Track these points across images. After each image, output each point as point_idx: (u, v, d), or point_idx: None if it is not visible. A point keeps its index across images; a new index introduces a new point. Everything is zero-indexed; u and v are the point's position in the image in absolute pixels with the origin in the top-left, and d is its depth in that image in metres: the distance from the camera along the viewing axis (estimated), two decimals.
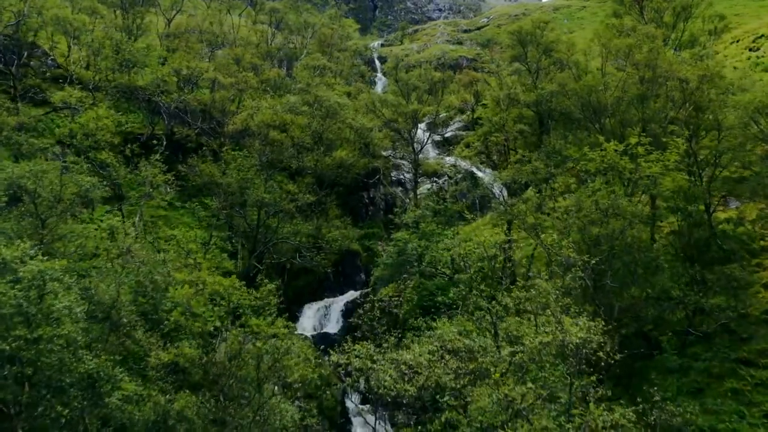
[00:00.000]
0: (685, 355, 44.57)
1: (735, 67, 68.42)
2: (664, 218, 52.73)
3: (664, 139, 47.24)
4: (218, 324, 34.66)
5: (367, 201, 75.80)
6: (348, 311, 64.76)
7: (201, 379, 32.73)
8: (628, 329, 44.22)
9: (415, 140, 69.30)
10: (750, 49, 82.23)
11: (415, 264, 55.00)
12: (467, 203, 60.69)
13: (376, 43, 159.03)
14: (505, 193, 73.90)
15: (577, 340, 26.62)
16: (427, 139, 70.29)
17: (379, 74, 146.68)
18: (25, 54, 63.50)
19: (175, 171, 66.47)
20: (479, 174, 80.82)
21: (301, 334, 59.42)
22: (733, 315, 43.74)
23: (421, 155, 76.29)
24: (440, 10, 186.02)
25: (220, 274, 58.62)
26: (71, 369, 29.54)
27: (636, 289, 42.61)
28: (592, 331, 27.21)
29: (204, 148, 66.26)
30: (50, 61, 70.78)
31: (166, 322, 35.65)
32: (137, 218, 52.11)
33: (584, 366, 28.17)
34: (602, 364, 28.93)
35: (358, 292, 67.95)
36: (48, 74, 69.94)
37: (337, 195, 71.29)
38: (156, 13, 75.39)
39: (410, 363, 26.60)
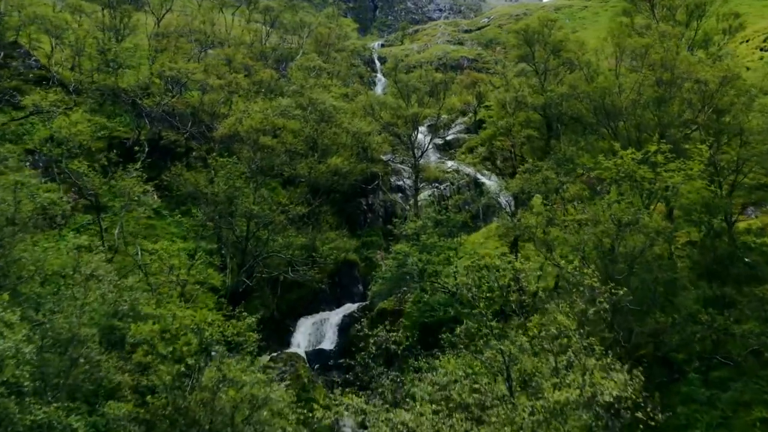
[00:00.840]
0: (711, 384, 39.67)
1: (747, 68, 63.76)
2: (679, 228, 47.90)
3: (686, 146, 42.40)
4: (191, 362, 29.71)
5: (365, 208, 70.92)
6: (345, 326, 60.01)
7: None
8: (647, 353, 39.49)
9: (416, 145, 64.36)
10: (762, 49, 77.59)
11: (416, 279, 50.23)
12: (471, 212, 55.78)
13: (376, 44, 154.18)
14: (512, 203, 69.11)
15: (611, 399, 21.81)
16: (429, 143, 65.31)
17: (379, 75, 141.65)
18: (1, 54, 58.49)
19: (163, 177, 62.09)
20: (483, 180, 75.99)
21: (294, 353, 54.78)
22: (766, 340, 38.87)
23: (422, 160, 71.41)
24: (441, 10, 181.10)
25: (207, 290, 54.42)
26: (15, 421, 24.67)
27: (659, 313, 37.74)
28: (629, 387, 22.31)
29: (193, 152, 61.63)
30: (33, 62, 65.95)
31: (130, 360, 30.76)
32: (117, 231, 47.23)
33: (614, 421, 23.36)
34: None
35: (356, 305, 63.16)
36: (31, 75, 65.17)
37: (334, 202, 66.49)
38: (145, 12, 70.52)
39: (409, 425, 21.82)
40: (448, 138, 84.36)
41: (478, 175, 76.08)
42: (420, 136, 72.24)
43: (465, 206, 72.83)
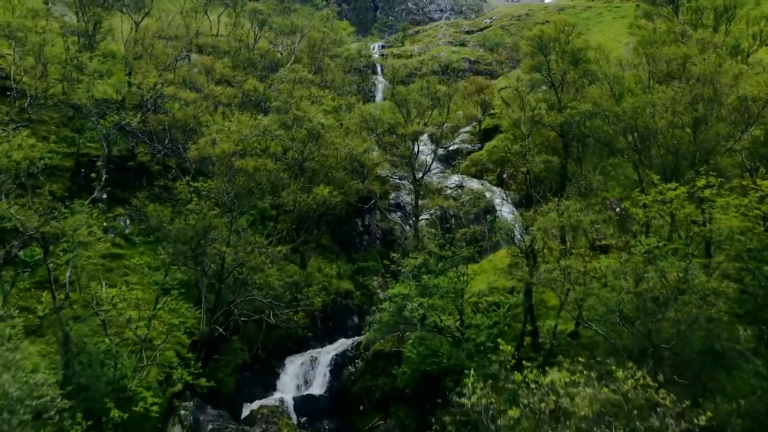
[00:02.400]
0: None
1: None
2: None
3: (744, 181, 33.74)
4: None
5: (361, 229, 62.21)
6: (337, 367, 51.52)
7: None
8: None
9: (417, 163, 55.62)
10: None
11: (417, 325, 41.76)
12: (480, 245, 47.06)
13: (376, 45, 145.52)
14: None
15: None
16: (432, 162, 56.40)
17: (380, 77, 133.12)
18: None
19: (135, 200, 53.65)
20: (487, 194, 67.26)
21: (277, 407, 46.17)
22: None
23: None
24: (441, 10, 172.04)
25: (182, 331, 45.93)
26: None
27: (719, 398, 28.98)
28: None
29: (172, 170, 52.98)
30: None
31: None
32: (68, 274, 38.52)
33: None
34: None
35: (351, 341, 54.55)
36: None
37: (326, 223, 57.85)
38: (121, 15, 61.63)
39: None
40: (452, 148, 75.67)
41: (482, 188, 67.52)
42: (422, 147, 63.66)
43: (470, 221, 64.37)
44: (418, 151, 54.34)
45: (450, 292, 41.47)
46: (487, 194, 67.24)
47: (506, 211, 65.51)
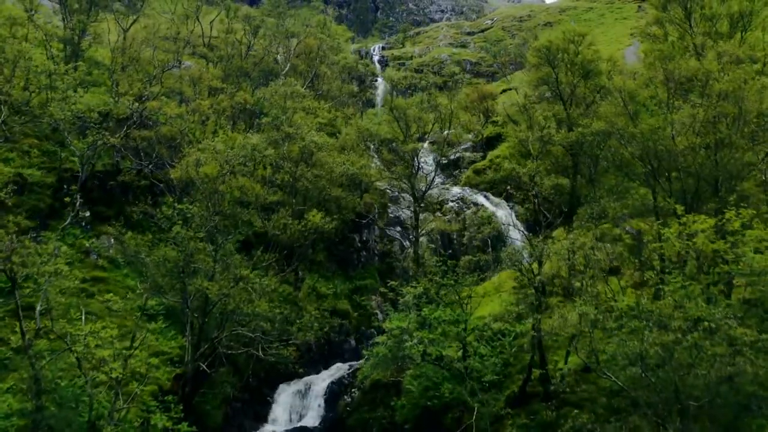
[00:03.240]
0: None
1: None
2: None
3: None
4: None
5: (359, 245, 58.29)
6: (332, 395, 47.79)
7: None
8: None
9: (417, 178, 51.75)
10: None
11: (417, 360, 38.03)
12: (482, 258, 43.20)
13: (377, 46, 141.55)
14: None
15: None
16: (432, 180, 52.37)
17: (380, 79, 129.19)
18: None
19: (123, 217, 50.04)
20: (488, 205, 63.37)
21: None
22: None
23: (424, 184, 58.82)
24: (442, 11, 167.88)
25: (164, 361, 42.25)
26: None
27: None
28: None
29: (161, 184, 49.10)
30: None
31: None
32: (39, 308, 34.71)
33: None
34: None
35: (347, 366, 50.77)
36: None
37: (322, 240, 53.86)
38: (107, 21, 57.68)
39: None
40: (453, 157, 71.71)
41: (486, 204, 63.67)
42: (422, 155, 59.69)
43: (473, 236, 60.55)
44: (417, 168, 50.41)
45: (452, 324, 37.82)
46: (489, 206, 63.50)
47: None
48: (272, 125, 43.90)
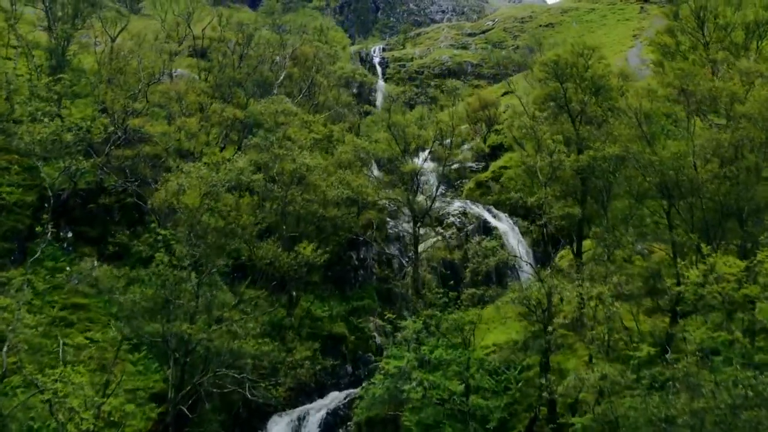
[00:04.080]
0: None
1: None
2: None
3: None
4: None
5: (356, 263, 54.76)
6: (328, 427, 44.25)
7: None
8: None
9: (417, 195, 48.28)
10: None
11: (416, 402, 34.68)
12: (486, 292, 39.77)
13: (377, 47, 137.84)
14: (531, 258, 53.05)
15: None
16: (433, 201, 48.73)
17: (380, 81, 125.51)
18: None
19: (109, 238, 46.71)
20: (490, 219, 59.82)
21: None
22: None
23: (423, 196, 55.26)
24: (443, 11, 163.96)
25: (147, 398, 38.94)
26: None
27: None
28: None
29: (148, 202, 45.45)
30: None
31: None
32: (4, 351, 31.20)
33: None
34: None
35: (344, 394, 47.25)
36: None
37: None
38: (94, 28, 54.14)
39: None
40: (454, 166, 67.91)
41: (489, 218, 60.11)
42: (421, 163, 56.20)
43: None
44: (417, 189, 46.92)
45: (454, 364, 34.50)
46: (492, 220, 60.01)
47: (513, 240, 58.44)
48: (262, 145, 40.49)
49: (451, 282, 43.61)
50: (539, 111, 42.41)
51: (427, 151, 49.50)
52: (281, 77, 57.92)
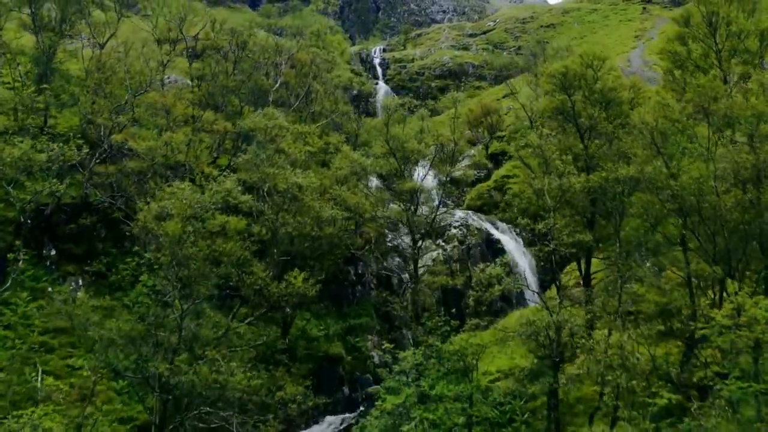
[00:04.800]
0: None
1: None
2: None
3: None
4: None
5: (354, 278, 51.90)
6: None
7: None
8: None
9: (419, 208, 45.36)
10: None
11: None
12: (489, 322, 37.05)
13: (377, 48, 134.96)
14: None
15: None
16: (432, 221, 45.62)
17: (380, 82, 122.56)
18: None
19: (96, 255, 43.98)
20: (493, 232, 56.98)
21: None
22: None
23: (424, 207, 52.29)
24: (444, 11, 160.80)
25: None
26: None
27: None
28: None
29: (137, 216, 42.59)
30: None
31: None
32: None
33: None
34: None
35: (339, 419, 44.56)
36: None
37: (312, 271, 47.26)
38: (82, 33, 51.17)
39: None
40: (455, 174, 64.96)
41: (492, 231, 57.30)
42: (422, 172, 53.22)
43: (476, 260, 54.25)
44: (416, 207, 43.98)
45: (456, 401, 31.67)
46: (495, 232, 57.19)
47: (516, 254, 55.63)
48: (252, 163, 37.57)
49: (453, 310, 40.87)
50: (546, 125, 39.43)
51: (427, 167, 46.42)
52: (277, 84, 54.88)
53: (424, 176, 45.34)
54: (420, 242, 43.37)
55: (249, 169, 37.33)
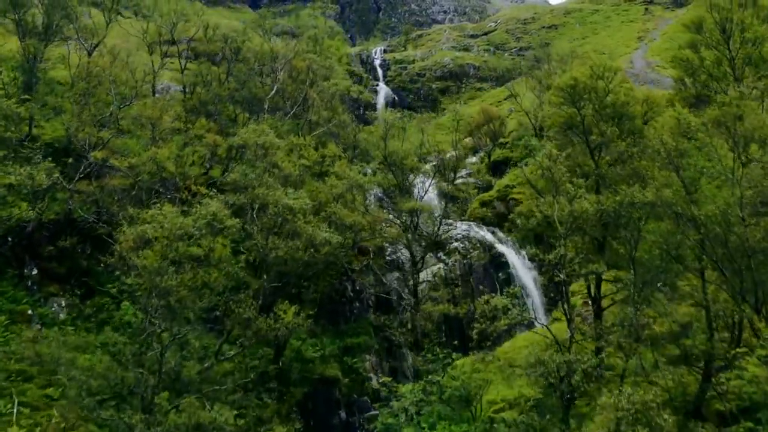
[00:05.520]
0: None
1: None
2: None
3: None
4: None
5: (351, 295, 49.04)
6: None
7: None
8: None
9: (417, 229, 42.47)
10: None
11: None
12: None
13: (378, 48, 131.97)
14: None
15: None
16: (433, 242, 42.75)
17: (381, 83, 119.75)
18: None
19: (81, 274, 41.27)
20: (500, 248, 53.98)
21: None
22: None
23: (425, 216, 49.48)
24: (445, 12, 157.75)
25: None
26: None
27: None
28: None
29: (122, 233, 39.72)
30: None
31: None
32: None
33: None
34: None
35: None
36: None
37: (306, 292, 44.27)
38: (67, 43, 48.29)
39: None
40: (457, 181, 61.95)
41: (495, 243, 54.36)
42: (422, 180, 50.31)
43: (480, 280, 51.49)
44: (416, 228, 41.11)
45: None
46: (499, 246, 54.30)
47: (520, 268, 52.85)
48: (240, 184, 34.71)
49: (456, 342, 38.06)
50: (553, 140, 36.52)
51: (428, 182, 43.52)
52: (273, 92, 51.96)
53: (425, 193, 42.43)
54: (420, 264, 40.46)
55: (237, 190, 34.53)
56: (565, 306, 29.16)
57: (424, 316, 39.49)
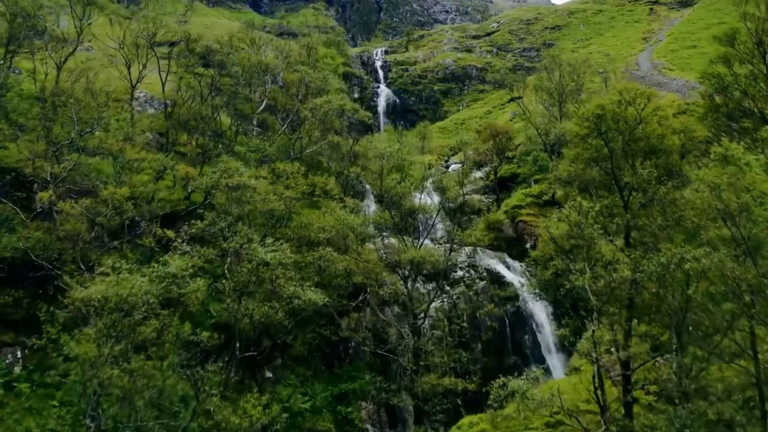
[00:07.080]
0: None
1: None
2: None
3: None
4: None
5: (346, 333, 43.00)
6: None
7: None
8: None
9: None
10: None
11: None
12: None
13: (379, 49, 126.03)
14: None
15: None
16: (436, 292, 36.74)
17: (382, 85, 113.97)
18: None
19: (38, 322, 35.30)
20: (507, 276, 48.11)
21: None
22: None
23: (428, 240, 43.54)
24: (447, 12, 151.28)
25: None
26: None
27: None
28: None
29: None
30: None
31: None
32: None
33: None
34: None
35: None
36: None
37: (298, 327, 38.29)
38: (36, 53, 42.19)
39: None
40: (461, 199, 55.69)
41: (504, 272, 48.50)
42: (424, 197, 44.13)
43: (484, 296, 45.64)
44: (415, 279, 35.11)
45: None
46: (507, 274, 48.44)
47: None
48: (208, 236, 28.78)
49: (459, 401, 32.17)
50: (576, 176, 30.39)
51: (432, 220, 37.53)
52: (261, 106, 45.83)
53: (427, 235, 36.47)
54: (422, 317, 34.50)
55: (206, 242, 28.60)
56: (598, 393, 23.18)
57: (425, 386, 33.46)
